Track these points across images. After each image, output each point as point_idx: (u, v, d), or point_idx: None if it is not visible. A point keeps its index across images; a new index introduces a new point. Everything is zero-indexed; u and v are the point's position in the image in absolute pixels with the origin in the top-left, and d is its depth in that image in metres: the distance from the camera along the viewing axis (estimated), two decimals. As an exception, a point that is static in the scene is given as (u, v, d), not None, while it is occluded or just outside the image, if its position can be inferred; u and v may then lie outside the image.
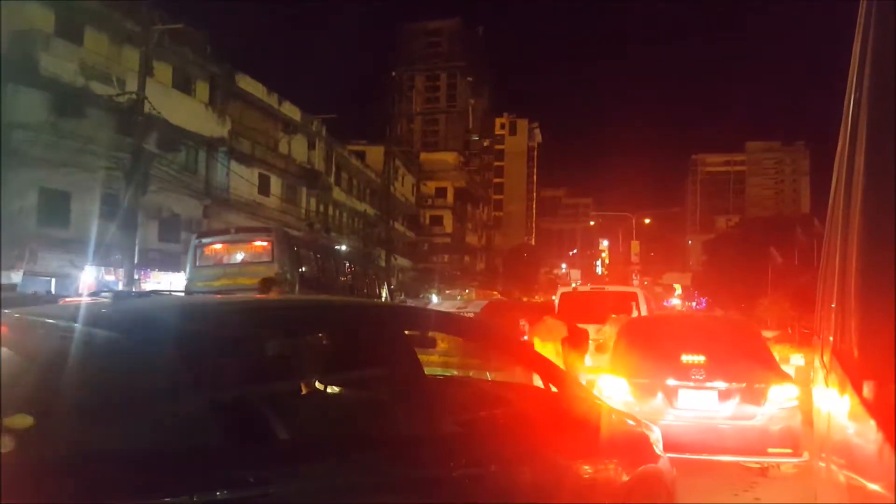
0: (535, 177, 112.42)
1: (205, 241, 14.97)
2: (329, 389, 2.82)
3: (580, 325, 8.73)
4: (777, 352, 8.17)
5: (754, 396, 5.70)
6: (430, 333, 6.10)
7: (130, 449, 1.80)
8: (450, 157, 66.80)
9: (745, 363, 6.04)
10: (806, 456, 5.31)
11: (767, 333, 12.71)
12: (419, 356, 7.53)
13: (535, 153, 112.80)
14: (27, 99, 18.28)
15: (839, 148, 2.65)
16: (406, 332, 2.97)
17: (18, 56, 17.85)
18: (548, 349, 7.91)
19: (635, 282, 34.56)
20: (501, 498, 2.54)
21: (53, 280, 19.01)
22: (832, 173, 3.16)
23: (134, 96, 16.65)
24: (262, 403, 2.22)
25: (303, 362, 2.76)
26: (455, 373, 6.86)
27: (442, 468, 2.37)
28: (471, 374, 6.87)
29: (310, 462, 2.08)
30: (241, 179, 26.52)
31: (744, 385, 5.75)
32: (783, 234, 43.00)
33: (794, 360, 9.63)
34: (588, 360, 8.54)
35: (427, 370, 6.80)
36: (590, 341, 8.75)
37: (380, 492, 2.19)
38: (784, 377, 5.99)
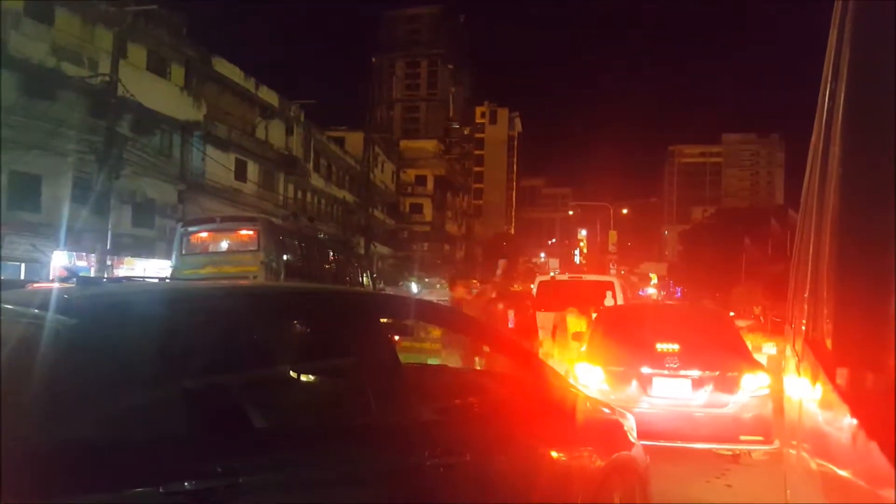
0: (515, 166, 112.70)
1: (191, 229, 14.91)
2: (303, 378, 2.79)
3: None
4: (750, 341, 8.33)
5: (727, 385, 5.79)
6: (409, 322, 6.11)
7: (95, 438, 1.76)
8: (430, 145, 66.52)
9: (719, 352, 6.14)
10: (777, 443, 5.41)
11: (741, 323, 12.94)
12: (410, 344, 7.49)
13: (516, 142, 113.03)
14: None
15: (813, 139, 2.67)
16: (383, 321, 2.94)
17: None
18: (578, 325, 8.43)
19: (612, 271, 34.90)
20: (477, 485, 2.55)
21: (23, 265, 18.58)
22: (806, 164, 3.19)
23: (107, 78, 16.25)
24: (233, 392, 2.18)
25: (277, 350, 2.72)
26: (438, 360, 6.90)
27: (417, 456, 2.36)
28: (459, 360, 6.90)
29: (281, 451, 2.05)
30: (218, 164, 26.08)
31: (717, 373, 5.84)
32: (758, 224, 43.78)
33: (766, 349, 9.82)
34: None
35: (417, 357, 6.81)
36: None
37: (354, 480, 2.17)
38: (756, 366, 6.09)
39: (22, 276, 17.46)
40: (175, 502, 1.74)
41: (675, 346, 6.01)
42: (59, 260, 17.45)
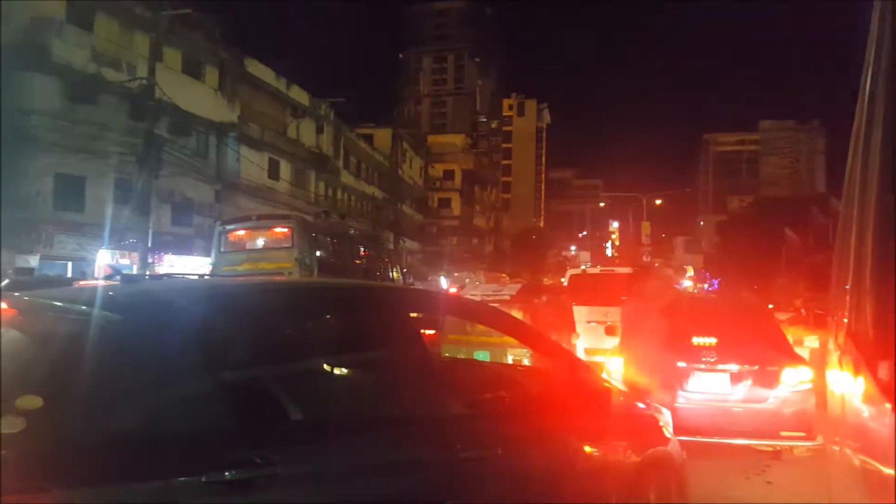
0: (543, 158, 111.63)
1: (228, 227, 15.39)
2: (337, 371, 2.83)
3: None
4: (791, 334, 8.12)
5: (767, 379, 5.67)
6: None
7: (140, 430, 1.83)
8: (457, 139, 66.42)
9: (758, 345, 6.00)
10: (820, 439, 5.27)
11: (781, 315, 12.60)
12: (457, 337, 7.53)
13: (544, 134, 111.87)
14: (41, 86, 18.39)
15: (855, 126, 2.59)
16: (413, 315, 2.97)
17: (32, 43, 17.94)
18: None
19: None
20: (510, 479, 2.55)
21: (70, 263, 19.28)
22: (848, 152, 3.09)
23: (144, 82, 16.68)
24: (271, 385, 2.24)
25: (312, 344, 2.77)
26: (486, 354, 6.95)
27: (449, 449, 2.38)
28: (510, 355, 6.94)
29: (317, 443, 2.10)
30: (252, 164, 26.56)
31: (756, 367, 5.71)
32: (798, 214, 42.48)
33: (808, 343, 9.56)
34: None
35: (464, 352, 6.86)
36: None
37: (387, 472, 2.21)
38: (797, 359, 5.94)
39: (69, 274, 18.13)
40: (216, 491, 1.80)
41: (713, 340, 5.90)
42: (104, 258, 18.05)
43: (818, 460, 4.85)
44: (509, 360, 6.92)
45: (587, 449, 3.02)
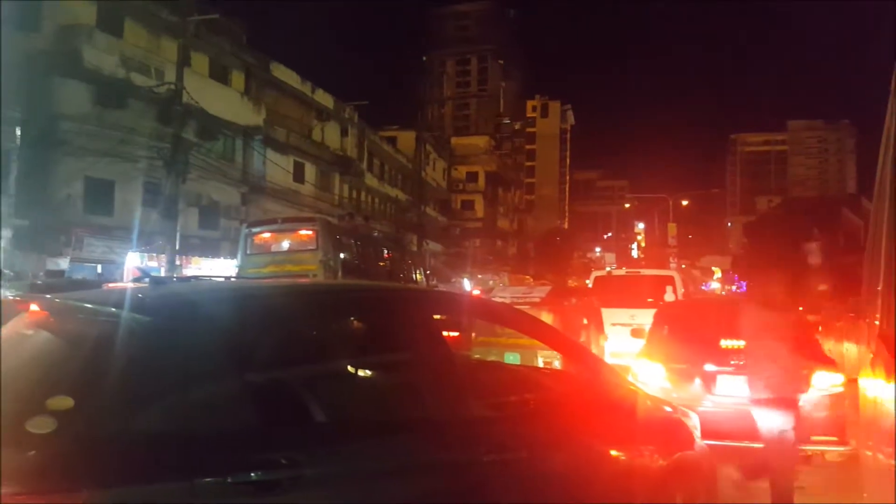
0: (568, 159, 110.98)
1: (254, 230, 15.62)
2: (361, 373, 2.85)
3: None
4: (820, 336, 7.92)
5: (797, 383, 5.54)
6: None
7: (167, 431, 1.85)
8: (481, 141, 66.40)
9: (788, 348, 5.87)
10: (852, 444, 5.15)
11: (810, 318, 12.31)
12: (486, 339, 7.52)
13: (568, 135, 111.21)
14: (72, 91, 18.88)
15: (886, 124, 2.53)
16: (436, 317, 2.97)
17: (64, 49, 18.43)
18: None
19: (672, 265, 33.91)
20: (534, 482, 2.53)
21: (99, 266, 19.71)
22: (879, 151, 3.02)
23: (172, 87, 17.00)
24: (296, 386, 2.26)
25: (337, 346, 2.79)
26: (516, 356, 6.93)
27: (474, 451, 2.37)
28: (540, 357, 6.89)
29: (341, 445, 2.12)
30: (277, 167, 26.87)
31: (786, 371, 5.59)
32: (828, 214, 41.55)
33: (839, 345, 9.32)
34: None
35: (494, 353, 6.84)
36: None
37: (411, 474, 2.21)
38: (828, 363, 5.80)
39: (98, 277, 18.56)
40: (241, 492, 1.82)
41: (741, 343, 5.79)
42: (133, 261, 18.42)
43: (850, 465, 4.73)
44: (539, 362, 6.86)
45: (613, 453, 2.99)
